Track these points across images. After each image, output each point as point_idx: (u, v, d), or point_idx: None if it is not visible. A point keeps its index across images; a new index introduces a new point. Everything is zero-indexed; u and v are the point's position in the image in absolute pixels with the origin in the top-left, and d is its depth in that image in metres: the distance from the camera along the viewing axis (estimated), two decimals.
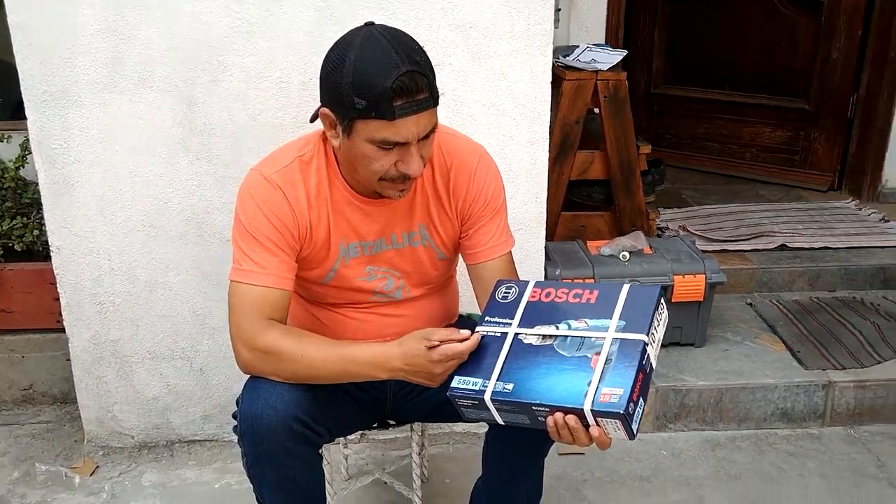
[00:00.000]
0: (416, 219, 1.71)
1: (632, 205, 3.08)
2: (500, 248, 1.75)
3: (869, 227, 3.52)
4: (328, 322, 1.80)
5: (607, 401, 1.35)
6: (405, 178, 1.55)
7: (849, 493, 2.35)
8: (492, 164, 1.74)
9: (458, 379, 1.50)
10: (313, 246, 1.66)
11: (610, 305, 1.49)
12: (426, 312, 1.83)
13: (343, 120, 1.49)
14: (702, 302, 2.71)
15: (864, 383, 2.63)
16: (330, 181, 1.64)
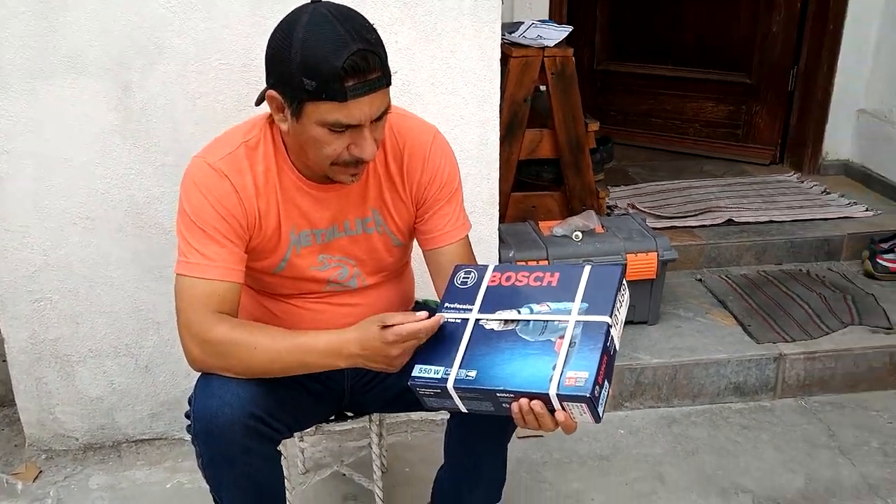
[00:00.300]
0: (368, 204, 1.66)
1: (581, 183, 3.06)
2: (457, 232, 1.71)
3: (811, 200, 3.57)
4: (281, 314, 1.74)
5: (573, 385, 1.32)
6: (358, 162, 1.50)
7: (802, 462, 2.38)
8: (446, 145, 1.70)
9: (420, 367, 1.46)
10: (263, 235, 1.60)
11: (572, 288, 1.46)
12: (382, 300, 1.78)
13: (291, 102, 1.43)
14: (654, 280, 2.72)
15: (813, 355, 2.66)
16: (278, 167, 1.58)
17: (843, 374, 2.70)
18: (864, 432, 2.52)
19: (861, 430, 2.53)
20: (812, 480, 2.31)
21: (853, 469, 2.35)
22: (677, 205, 3.52)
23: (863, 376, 2.71)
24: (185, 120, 2.19)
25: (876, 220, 3.38)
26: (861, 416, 2.60)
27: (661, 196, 3.63)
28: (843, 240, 3.26)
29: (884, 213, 3.42)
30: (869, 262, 3.12)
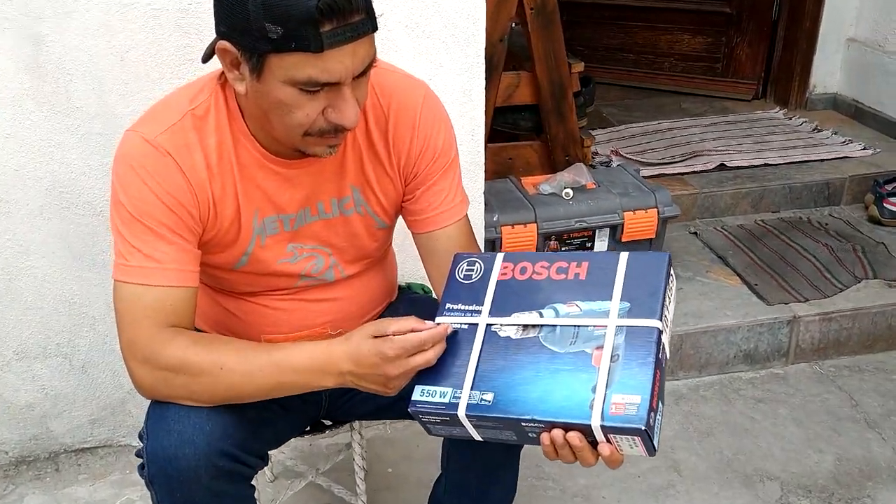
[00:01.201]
0: (347, 180, 1.34)
1: (564, 131, 2.75)
2: (455, 211, 1.41)
3: (804, 139, 3.33)
4: (242, 315, 1.43)
5: (621, 413, 1.03)
6: (337, 131, 1.18)
7: (828, 439, 2.17)
8: (439, 105, 1.38)
9: (421, 389, 1.16)
10: (219, 226, 1.28)
11: (606, 281, 1.16)
12: (364, 292, 1.48)
13: (250, 56, 1.10)
14: (653, 239, 2.44)
15: (829, 315, 2.43)
16: (235, 140, 1.25)
17: (860, 335, 2.48)
18: (889, 400, 2.31)
19: (886, 397, 2.32)
20: (842, 461, 2.10)
21: (885, 445, 2.15)
22: (661, 149, 3.24)
23: (880, 335, 2.50)
24: (112, 79, 1.80)
25: (876, 159, 3.15)
26: (883, 381, 2.39)
27: (642, 140, 3.34)
28: (843, 183, 3.03)
29: (883, 152, 3.20)
30: (875, 207, 2.90)
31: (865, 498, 1.98)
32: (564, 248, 2.37)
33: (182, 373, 1.19)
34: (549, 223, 2.32)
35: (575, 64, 2.71)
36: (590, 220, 2.34)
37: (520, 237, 2.29)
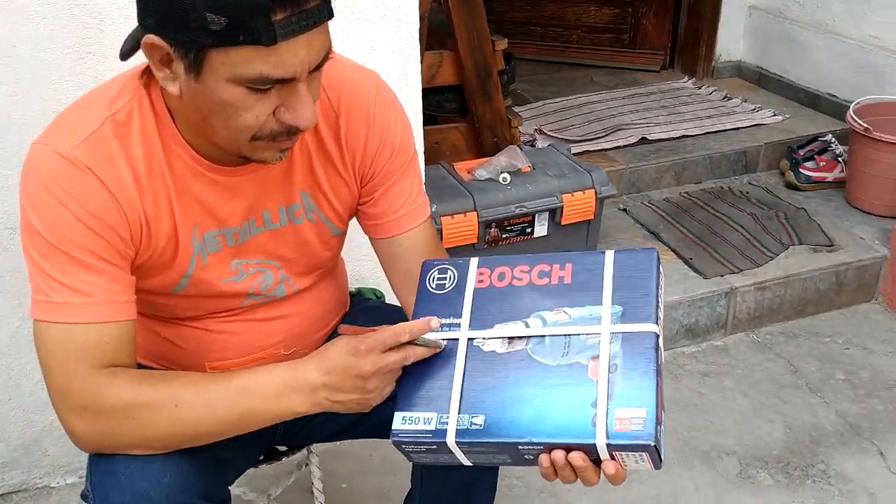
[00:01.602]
0: (296, 186, 1.20)
1: (491, 112, 2.66)
2: (419, 212, 1.30)
3: (716, 108, 3.36)
4: (182, 342, 1.28)
5: (627, 429, 0.96)
6: (291, 133, 1.04)
7: (776, 408, 2.19)
8: (393, 97, 1.26)
9: (402, 416, 1.05)
10: (154, 246, 1.12)
11: (594, 284, 1.08)
12: (317, 305, 1.36)
13: (187, 52, 0.95)
14: (591, 220, 2.40)
15: (763, 284, 2.46)
16: (165, 147, 1.09)
17: (792, 301, 2.52)
18: (825, 364, 2.35)
19: (822, 361, 2.37)
20: (792, 428, 2.12)
21: (828, 409, 2.18)
22: (581, 125, 3.21)
23: (810, 300, 2.55)
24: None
25: (786, 125, 3.21)
26: (816, 345, 2.44)
27: (561, 116, 3.30)
28: (759, 150, 3.07)
29: (791, 117, 3.26)
30: (791, 174, 2.95)
31: (819, 464, 2.01)
32: (505, 235, 2.30)
33: (131, 416, 1.04)
34: (489, 210, 2.24)
35: (498, 41, 2.62)
36: (530, 204, 2.28)
37: (460, 227, 2.21)
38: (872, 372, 2.31)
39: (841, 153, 2.94)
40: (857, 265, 2.55)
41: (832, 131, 3.08)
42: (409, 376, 1.07)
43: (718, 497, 1.92)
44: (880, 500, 1.90)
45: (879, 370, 2.32)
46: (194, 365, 1.29)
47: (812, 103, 3.34)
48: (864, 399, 2.21)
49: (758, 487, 1.94)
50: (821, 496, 1.91)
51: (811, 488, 1.94)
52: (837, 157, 2.93)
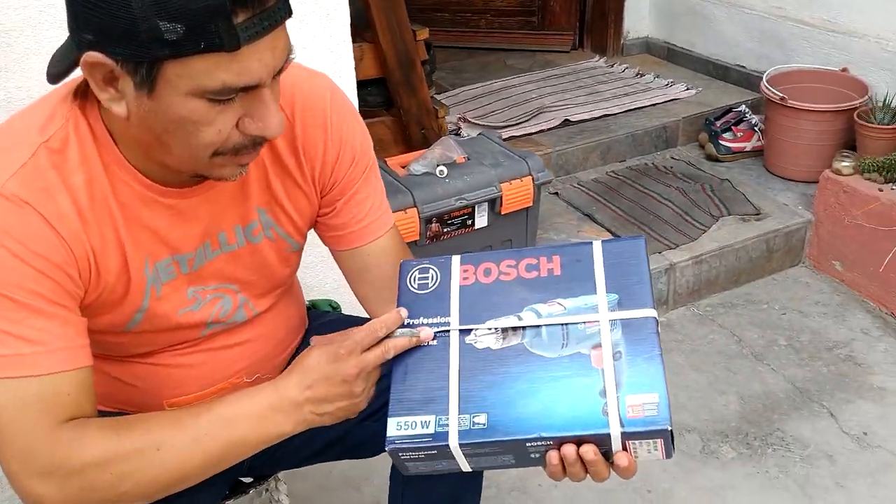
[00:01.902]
0: (252, 202, 1.12)
1: (417, 104, 2.60)
2: (385, 219, 1.24)
3: (631, 86, 3.39)
4: (136, 381, 1.18)
5: (641, 416, 0.93)
6: (255, 145, 0.96)
7: (727, 380, 2.22)
8: (347, 100, 1.19)
9: (397, 422, 0.99)
10: (103, 283, 1.02)
11: (585, 274, 1.05)
12: (279, 326, 1.28)
13: (137, 67, 0.86)
14: (530, 207, 2.38)
15: (699, 258, 2.49)
16: (109, 174, 0.99)
17: (727, 271, 2.57)
18: (766, 331, 2.40)
19: (762, 328, 2.42)
20: (745, 399, 2.16)
21: (776, 375, 2.23)
22: (502, 110, 3.18)
23: (743, 269, 2.60)
24: None
25: (700, 98, 3.26)
26: (755, 313, 2.49)
27: (482, 102, 3.26)
28: (678, 125, 3.11)
29: (704, 90, 3.32)
30: (711, 145, 3.00)
31: (776, 432, 2.05)
32: (446, 229, 2.25)
33: (108, 471, 0.94)
34: (430, 205, 2.18)
35: (419, 30, 2.56)
36: (469, 196, 2.23)
37: (401, 225, 2.14)
38: (811, 335, 2.38)
39: (756, 122, 3.01)
40: (785, 231, 2.62)
41: (745, 101, 3.15)
42: (400, 380, 1.01)
43: (686, 476, 1.93)
44: (839, 461, 1.95)
45: (817, 332, 2.39)
46: (150, 404, 1.19)
47: (722, 75, 3.41)
48: (808, 363, 2.27)
49: (722, 462, 1.97)
50: (783, 463, 1.95)
51: (773, 457, 1.97)
52: (753, 127, 3.00)
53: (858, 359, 2.27)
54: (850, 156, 2.52)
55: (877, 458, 1.95)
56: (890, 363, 2.25)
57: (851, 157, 2.51)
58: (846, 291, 2.55)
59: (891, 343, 2.33)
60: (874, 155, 2.49)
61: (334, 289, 2.00)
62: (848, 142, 2.70)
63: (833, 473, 1.92)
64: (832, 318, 2.44)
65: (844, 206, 2.50)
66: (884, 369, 2.23)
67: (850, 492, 1.87)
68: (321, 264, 1.96)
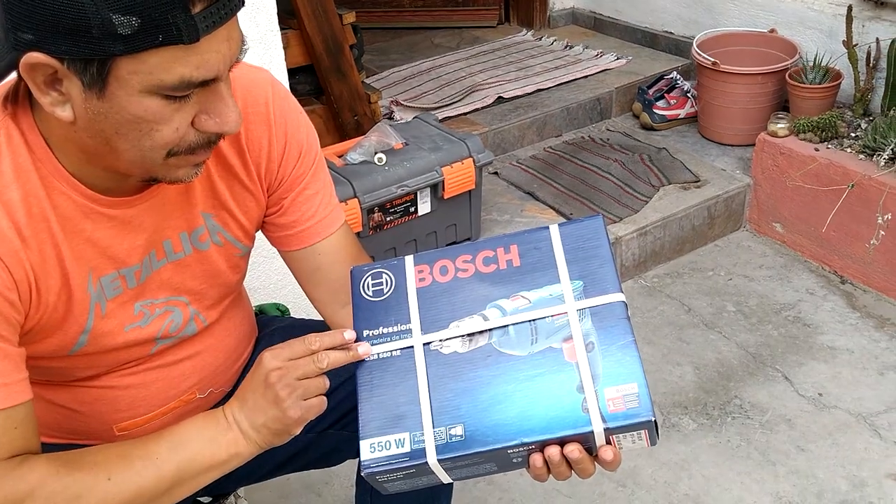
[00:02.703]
0: (197, 207, 1.06)
1: (348, 90, 2.52)
2: (335, 216, 1.18)
3: (561, 58, 3.35)
4: (82, 406, 1.11)
5: (622, 409, 0.89)
6: (211, 143, 0.92)
7: (681, 351, 2.22)
8: (289, 94, 1.14)
9: (370, 444, 0.93)
10: (43, 306, 0.95)
11: (546, 262, 1.00)
12: (230, 336, 1.22)
13: (87, 66, 0.80)
14: (473, 190, 2.32)
15: (644, 230, 2.48)
16: (47, 186, 0.92)
17: (671, 241, 2.56)
18: (714, 298, 2.41)
19: (710, 296, 2.42)
20: (700, 368, 2.15)
21: (728, 342, 2.24)
22: (434, 90, 3.11)
23: (686, 237, 2.60)
24: None
25: (631, 67, 3.24)
26: (702, 281, 2.49)
27: (412, 84, 3.19)
28: (611, 95, 3.09)
29: (634, 58, 3.30)
30: (645, 115, 2.99)
31: (734, 399, 2.05)
32: (389, 218, 2.18)
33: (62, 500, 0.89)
34: (370, 195, 2.11)
35: (346, 14, 2.48)
36: (411, 182, 2.16)
37: None
38: (759, 298, 2.39)
39: (688, 89, 3.00)
40: (725, 197, 2.63)
41: (676, 68, 3.14)
42: (367, 398, 0.96)
43: (650, 451, 1.92)
44: (797, 424, 1.96)
45: (764, 296, 2.40)
46: (99, 431, 1.12)
47: (651, 42, 3.40)
48: (758, 327, 2.28)
49: (684, 434, 1.96)
50: (743, 431, 1.95)
51: (733, 425, 1.97)
52: (686, 93, 3.00)
53: (806, 319, 2.29)
54: (784, 117, 2.53)
55: (834, 419, 1.97)
56: (837, 322, 2.28)
57: (786, 119, 2.52)
58: (788, 253, 2.58)
59: (836, 301, 2.36)
60: (808, 115, 2.51)
61: (279, 289, 1.93)
62: (781, 103, 2.72)
63: (793, 437, 1.93)
64: (777, 281, 2.46)
65: (782, 167, 2.51)
66: (832, 328, 2.25)
67: (810, 454, 1.89)
68: (263, 264, 1.88)
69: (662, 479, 1.85)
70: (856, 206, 2.33)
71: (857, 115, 2.55)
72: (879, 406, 2.00)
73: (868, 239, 2.34)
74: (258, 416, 0.94)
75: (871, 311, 2.31)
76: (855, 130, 2.48)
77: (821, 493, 1.79)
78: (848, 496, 1.78)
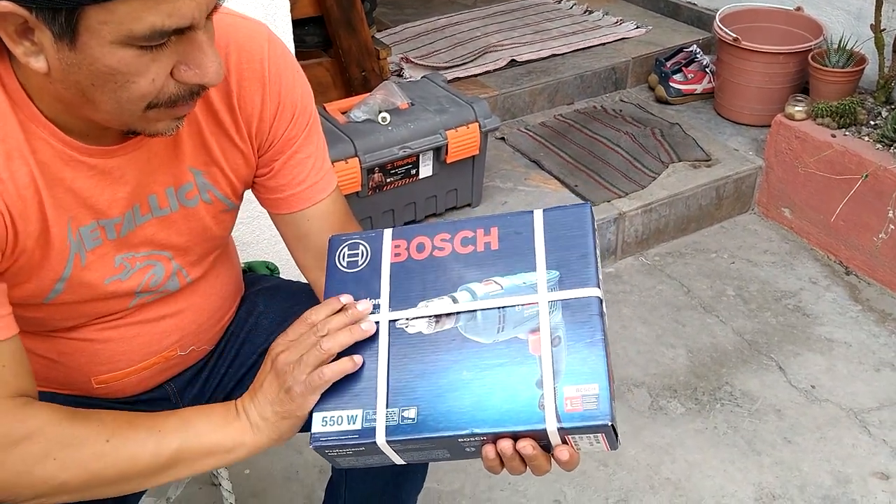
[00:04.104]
0: (185, 163, 1.03)
1: (357, 44, 2.46)
2: (327, 181, 1.15)
3: (580, 23, 3.27)
4: (61, 357, 1.10)
5: (580, 409, 0.85)
6: (193, 95, 0.88)
7: (676, 332, 2.19)
8: (287, 51, 1.09)
9: (322, 417, 0.91)
10: (20, 249, 0.93)
11: (525, 248, 0.96)
12: (214, 294, 1.20)
13: (54, 16, 0.76)
14: (476, 156, 2.28)
15: (649, 206, 2.43)
16: (26, 132, 0.89)
17: (676, 220, 2.52)
18: (715, 281, 2.37)
19: (711, 278, 2.38)
20: (693, 352, 2.12)
21: (725, 327, 2.20)
22: (446, 49, 3.05)
23: (692, 217, 2.55)
24: None
25: (650, 37, 3.16)
26: (704, 262, 2.45)
27: (424, 41, 3.12)
28: (627, 66, 3.01)
29: (654, 29, 3.22)
30: (661, 88, 2.92)
31: (725, 386, 2.02)
32: (389, 179, 2.14)
33: (51, 454, 0.89)
34: (372, 155, 2.07)
35: None
36: (413, 144, 2.12)
37: (341, 176, 2.03)
38: (760, 284, 2.35)
39: (707, 63, 2.93)
40: (735, 178, 2.57)
41: (696, 41, 3.06)
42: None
43: (636, 432, 1.90)
44: (787, 416, 1.94)
45: (766, 282, 2.36)
46: (78, 381, 1.12)
47: (673, 13, 3.31)
48: (756, 314, 2.24)
49: (671, 417, 1.94)
50: (731, 419, 1.93)
51: (721, 412, 1.95)
52: (704, 68, 2.92)
53: (807, 309, 2.26)
54: (803, 100, 2.46)
55: (824, 412, 1.94)
56: (837, 314, 2.24)
57: (805, 102, 2.46)
58: (795, 239, 2.53)
59: (839, 293, 2.31)
60: (828, 99, 2.44)
61: (271, 245, 1.90)
62: (801, 85, 2.65)
63: (781, 428, 1.91)
64: (781, 267, 2.42)
65: (796, 152, 2.45)
66: (831, 320, 2.22)
67: (796, 447, 1.86)
68: (258, 219, 1.85)
69: (645, 461, 1.83)
70: (868, 196, 2.28)
71: (879, 102, 2.48)
72: (872, 403, 1.97)
73: (877, 231, 2.29)
74: (266, 403, 0.93)
75: (873, 305, 2.26)
76: (875, 119, 2.42)
77: (804, 486, 1.77)
78: (831, 491, 1.76)
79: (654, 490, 1.77)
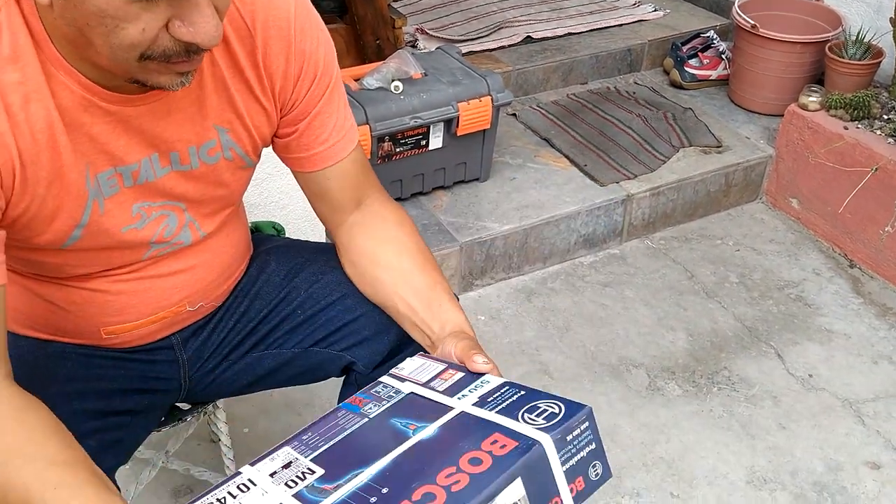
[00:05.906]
0: (210, 120, 1.03)
1: (373, 11, 2.45)
2: (348, 140, 1.16)
3: (598, 2, 3.25)
4: (70, 306, 1.11)
5: None
6: (190, 52, 0.86)
7: (677, 315, 2.20)
8: (312, 10, 1.09)
9: None
10: (30, 196, 0.93)
11: None
12: (225, 252, 1.20)
13: None
14: (487, 130, 2.28)
15: (657, 189, 2.43)
16: (47, 74, 0.90)
17: (684, 205, 2.52)
18: (719, 267, 2.37)
19: (716, 264, 2.39)
20: (694, 336, 2.13)
21: (726, 313, 2.21)
22: (462, 22, 3.03)
23: (700, 202, 2.55)
24: None
25: (668, 20, 3.14)
26: (709, 249, 2.45)
27: (440, 13, 3.10)
28: (643, 48, 3.00)
29: (672, 12, 3.20)
30: (676, 72, 2.91)
31: (723, 370, 2.03)
32: (399, 149, 2.14)
33: None
34: (383, 123, 2.07)
35: None
36: (425, 115, 2.12)
37: None
38: (763, 273, 2.36)
39: (724, 50, 2.91)
40: (745, 165, 2.57)
41: (713, 27, 3.05)
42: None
43: (632, 411, 1.91)
44: (783, 402, 1.95)
45: (769, 270, 2.37)
46: (87, 331, 1.13)
47: None
48: (758, 301, 2.25)
49: (667, 398, 1.95)
50: (727, 403, 1.94)
51: (718, 396, 1.96)
52: (721, 55, 2.91)
53: (808, 299, 2.26)
54: (817, 90, 2.46)
55: (820, 401, 1.95)
56: (839, 305, 2.24)
57: (819, 92, 2.45)
58: (801, 230, 2.53)
59: (841, 285, 2.32)
60: (843, 91, 2.43)
61: (279, 209, 1.91)
62: (817, 76, 2.63)
63: (776, 414, 1.92)
64: (785, 257, 2.42)
65: (807, 142, 2.44)
66: (832, 311, 2.22)
67: (791, 433, 1.88)
68: (267, 181, 1.86)
69: (640, 439, 1.85)
70: (876, 190, 2.28)
71: (894, 97, 2.47)
72: (868, 394, 1.98)
73: (883, 225, 2.29)
74: None
75: (874, 299, 2.27)
76: (888, 113, 2.41)
77: (795, 471, 1.79)
78: (822, 478, 1.78)
79: (648, 468, 1.79)
